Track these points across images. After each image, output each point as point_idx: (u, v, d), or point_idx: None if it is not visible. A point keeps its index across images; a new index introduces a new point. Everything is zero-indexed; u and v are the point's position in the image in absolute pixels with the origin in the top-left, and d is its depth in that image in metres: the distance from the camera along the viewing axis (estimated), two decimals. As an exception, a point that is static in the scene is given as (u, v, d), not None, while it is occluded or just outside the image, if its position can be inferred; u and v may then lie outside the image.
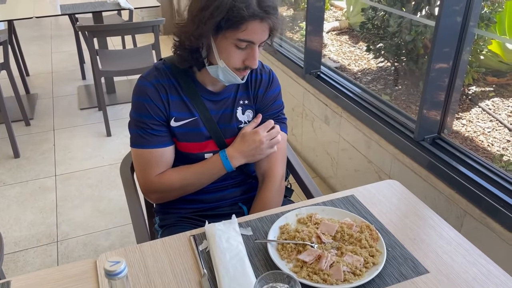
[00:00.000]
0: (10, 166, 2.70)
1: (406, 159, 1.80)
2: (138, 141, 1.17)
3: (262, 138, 1.17)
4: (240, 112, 1.23)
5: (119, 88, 3.72)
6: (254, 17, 1.02)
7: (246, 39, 1.05)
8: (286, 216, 1.06)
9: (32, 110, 3.35)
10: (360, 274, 0.91)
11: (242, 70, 1.11)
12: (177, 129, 1.18)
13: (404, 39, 2.43)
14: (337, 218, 1.06)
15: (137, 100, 1.16)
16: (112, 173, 2.64)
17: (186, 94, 1.17)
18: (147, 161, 1.17)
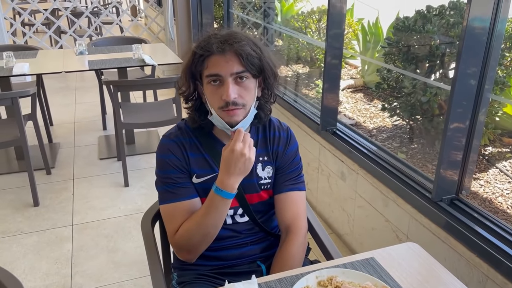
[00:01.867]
0: (29, 214, 2.74)
1: (424, 220, 1.79)
2: (166, 196, 1.21)
3: (241, 151, 1.09)
4: (260, 168, 1.26)
5: (138, 139, 3.81)
6: (213, 52, 1.10)
7: (212, 74, 1.11)
8: (306, 278, 1.06)
9: (53, 159, 3.44)
10: None
11: (225, 108, 1.13)
12: (198, 185, 1.22)
13: (419, 100, 2.48)
14: (358, 282, 1.05)
15: (160, 157, 1.22)
16: (127, 224, 2.65)
17: (206, 151, 1.22)
18: (174, 216, 1.20)
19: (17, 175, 3.22)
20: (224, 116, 1.14)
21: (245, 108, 1.14)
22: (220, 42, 1.10)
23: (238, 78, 1.12)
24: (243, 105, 1.14)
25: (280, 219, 1.28)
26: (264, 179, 1.26)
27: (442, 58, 2.39)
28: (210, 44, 1.11)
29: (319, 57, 4.29)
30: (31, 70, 3.08)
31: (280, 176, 1.28)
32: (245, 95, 1.13)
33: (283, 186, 1.27)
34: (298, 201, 1.28)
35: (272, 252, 1.32)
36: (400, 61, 2.54)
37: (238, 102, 1.12)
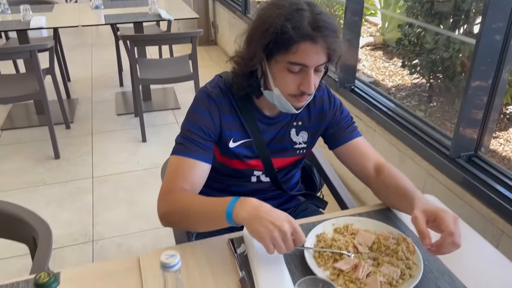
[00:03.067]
0: (50, 166, 2.81)
1: (440, 176, 1.79)
2: (178, 148, 1.13)
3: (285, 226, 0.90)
4: (294, 133, 1.22)
5: (154, 96, 3.83)
6: (305, 37, 0.98)
7: (297, 62, 1.01)
8: (323, 225, 1.08)
9: (72, 114, 3.49)
10: (396, 285, 0.91)
11: (299, 96, 1.07)
12: (234, 149, 1.18)
13: (441, 56, 2.42)
14: (374, 230, 1.07)
15: (194, 110, 1.14)
16: (146, 178, 2.71)
17: (243, 116, 1.16)
18: (177, 169, 1.11)
19: (37, 129, 3.28)
20: (293, 101, 1.08)
21: (311, 94, 1.10)
22: (313, 28, 0.97)
23: (318, 69, 1.05)
24: (312, 94, 1.09)
25: (359, 168, 1.21)
26: (298, 144, 1.23)
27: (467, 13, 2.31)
28: (303, 26, 0.97)
29: (339, 14, 4.17)
30: (48, 24, 3.07)
31: (335, 131, 1.23)
32: (317, 83, 1.07)
33: (342, 138, 1.23)
34: (366, 146, 1.23)
35: (288, 206, 1.34)
36: (423, 16, 2.46)
37: (313, 92, 1.07)
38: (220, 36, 5.29)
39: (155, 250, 1.03)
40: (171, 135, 3.23)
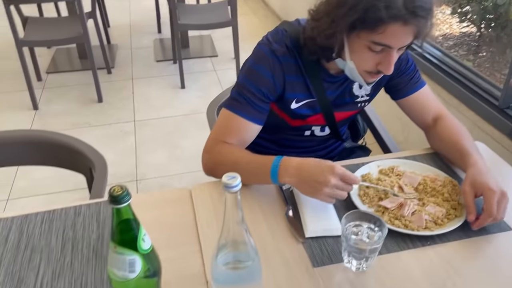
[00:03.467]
0: (94, 109, 2.91)
1: (487, 127, 1.74)
2: (233, 104, 1.09)
3: (330, 179, 0.89)
4: (357, 87, 1.17)
5: (192, 44, 3.83)
6: (396, 19, 0.89)
7: (382, 43, 0.93)
8: (368, 166, 1.10)
9: (112, 59, 3.55)
10: (441, 224, 0.93)
11: (374, 74, 1.02)
12: (296, 110, 1.14)
13: (494, 3, 2.29)
14: (420, 172, 1.08)
15: (255, 67, 1.08)
16: (185, 122, 2.77)
17: (308, 76, 1.11)
18: (228, 125, 1.10)
19: (80, 73, 3.37)
20: (366, 77, 1.03)
21: None
22: (407, 9, 0.88)
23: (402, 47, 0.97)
24: None
25: (420, 118, 1.21)
26: (360, 97, 1.20)
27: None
28: (396, 7, 0.88)
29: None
30: (89, -33, 3.07)
31: (398, 82, 1.18)
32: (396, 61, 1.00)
33: (406, 89, 1.18)
34: (429, 96, 1.20)
35: (333, 154, 1.35)
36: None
37: None
38: (258, -18, 5.14)
39: (206, 183, 1.08)
40: (209, 82, 3.25)
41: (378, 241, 0.82)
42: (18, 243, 0.92)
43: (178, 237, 0.93)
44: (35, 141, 1.25)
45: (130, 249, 0.65)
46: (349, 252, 0.84)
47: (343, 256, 0.86)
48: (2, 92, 3.11)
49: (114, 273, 0.66)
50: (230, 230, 0.70)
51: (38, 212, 1.00)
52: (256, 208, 1.00)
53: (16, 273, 0.85)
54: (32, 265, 0.87)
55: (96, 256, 0.89)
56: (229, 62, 3.54)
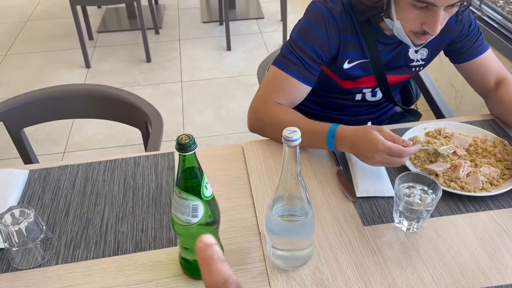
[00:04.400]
0: (143, 69, 2.98)
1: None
2: (284, 62, 1.08)
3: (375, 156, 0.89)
4: (413, 50, 1.14)
5: (239, 4, 3.79)
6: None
7: (427, 1, 0.91)
8: (414, 129, 1.08)
9: (160, 20, 3.59)
10: (497, 184, 0.92)
11: (420, 35, 0.99)
12: (348, 70, 1.13)
13: None
14: (467, 133, 1.06)
15: (310, 26, 1.06)
16: (231, 85, 2.80)
17: (362, 35, 1.08)
18: (278, 84, 1.09)
19: (129, 33, 3.44)
20: (413, 38, 1.00)
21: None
22: None
23: (448, 7, 0.93)
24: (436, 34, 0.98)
25: (480, 83, 1.17)
26: (416, 62, 1.16)
27: None
28: None
29: None
30: None
31: (461, 46, 1.14)
32: (445, 22, 0.97)
33: (469, 53, 1.14)
34: (491, 59, 1.16)
35: (384, 118, 1.33)
36: None
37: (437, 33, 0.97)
38: None
39: (257, 140, 1.10)
40: (255, 44, 3.24)
41: (431, 203, 0.83)
42: (84, 188, 0.98)
43: (232, 190, 0.97)
44: (96, 95, 1.31)
45: (193, 195, 0.69)
46: (401, 213, 0.85)
47: (394, 216, 0.87)
48: (57, 50, 3.23)
49: (178, 217, 0.71)
50: (288, 183, 0.72)
51: (101, 160, 1.06)
52: (307, 166, 1.02)
53: (84, 215, 0.92)
54: (97, 209, 0.93)
55: (155, 204, 0.94)
56: (276, 24, 3.49)
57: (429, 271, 0.79)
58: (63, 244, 0.86)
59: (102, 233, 0.88)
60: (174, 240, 0.86)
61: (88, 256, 0.84)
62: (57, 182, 1.00)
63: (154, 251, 0.84)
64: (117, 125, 2.34)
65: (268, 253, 0.81)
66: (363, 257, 0.82)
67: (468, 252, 0.82)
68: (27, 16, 3.74)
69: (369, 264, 0.80)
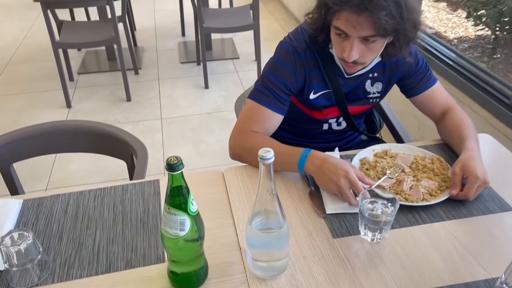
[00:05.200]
0: (123, 107, 3.08)
1: (499, 124, 1.83)
2: (258, 95, 1.20)
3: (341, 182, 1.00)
4: (369, 84, 1.27)
5: (214, 46, 3.98)
6: (348, 6, 1.01)
7: (339, 28, 1.05)
8: (364, 151, 1.22)
9: (139, 61, 3.73)
10: (435, 195, 1.06)
11: (345, 62, 1.11)
12: (314, 101, 1.26)
13: (509, 7, 2.37)
14: (410, 153, 1.20)
15: (279, 63, 1.21)
16: (209, 120, 2.92)
17: (324, 69, 1.22)
18: (254, 115, 1.21)
19: (108, 74, 3.55)
20: (343, 65, 1.15)
21: (364, 64, 1.13)
22: (359, 2, 0.99)
23: (366, 39, 1.06)
24: (362, 63, 1.12)
25: (431, 113, 1.31)
26: (372, 94, 1.30)
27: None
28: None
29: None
30: (120, -26, 3.24)
31: (410, 82, 1.28)
32: (367, 54, 1.10)
33: (418, 87, 1.28)
34: (440, 92, 1.30)
35: (351, 145, 1.46)
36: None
37: (357, 62, 1.10)
38: (278, -13, 5.28)
39: (236, 166, 1.21)
40: (232, 82, 3.40)
41: (391, 214, 0.94)
42: (76, 214, 1.06)
43: (214, 211, 1.06)
44: (84, 131, 1.40)
45: (181, 211, 0.78)
46: (365, 225, 0.95)
47: (360, 228, 0.98)
48: (37, 91, 3.31)
49: (167, 231, 0.79)
50: (264, 198, 0.82)
51: (91, 189, 1.14)
52: (282, 188, 1.12)
53: (77, 238, 0.99)
54: (89, 232, 1.01)
55: (143, 226, 1.02)
56: (250, 63, 3.68)
57: (392, 276, 0.89)
58: (58, 264, 0.93)
59: (94, 253, 0.95)
60: (162, 257, 0.94)
61: (82, 275, 0.91)
62: (49, 210, 1.08)
63: (144, 267, 0.92)
64: (99, 161, 2.40)
65: (248, 265, 0.90)
66: (334, 266, 0.91)
67: (424, 257, 0.93)
68: (8, 59, 3.82)
69: (339, 272, 0.90)
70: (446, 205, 1.05)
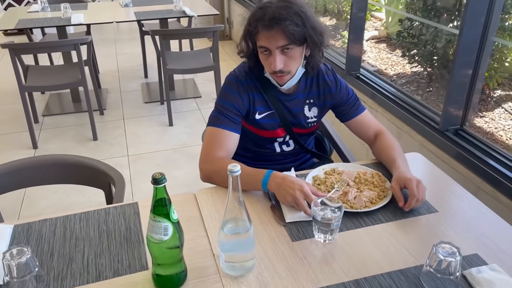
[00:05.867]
0: (90, 147, 3.18)
1: (432, 147, 2.11)
2: (214, 121, 1.43)
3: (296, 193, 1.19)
4: (307, 109, 1.52)
5: (177, 86, 4.18)
6: (263, 26, 1.30)
7: (262, 46, 1.33)
8: (315, 170, 1.42)
9: (104, 102, 3.85)
10: (375, 202, 1.27)
11: (275, 75, 1.37)
12: (260, 121, 1.48)
13: (435, 46, 2.73)
14: (353, 170, 1.42)
15: (226, 90, 1.45)
16: (175, 156, 3.07)
17: (265, 92, 1.46)
18: (214, 138, 1.41)
19: (73, 115, 3.65)
20: (275, 78, 1.40)
21: (290, 73, 1.37)
22: (268, 20, 1.28)
23: (284, 49, 1.32)
24: (288, 72, 1.36)
25: (364, 136, 1.56)
26: (310, 118, 1.55)
27: (458, 8, 2.62)
28: (259, 21, 1.30)
29: (346, 10, 4.48)
30: (85, 20, 3.43)
31: (342, 109, 1.54)
32: (290, 63, 1.35)
33: (350, 114, 1.54)
34: (368, 118, 1.56)
35: (304, 166, 1.67)
36: (421, 11, 2.78)
37: (284, 70, 1.35)
38: (235, 31, 5.62)
39: (207, 188, 1.38)
40: (195, 120, 3.58)
41: (338, 217, 1.13)
42: (64, 235, 1.18)
43: (188, 226, 1.21)
44: (62, 163, 1.53)
45: (164, 218, 0.94)
46: (318, 228, 1.14)
47: (314, 232, 1.16)
48: (2, 133, 3.35)
49: (152, 237, 0.95)
50: (232, 207, 0.99)
51: (76, 213, 1.27)
52: (248, 204, 1.28)
53: (67, 255, 1.11)
54: (78, 249, 1.13)
55: (127, 241, 1.16)
56: (212, 101, 3.89)
57: (341, 268, 1.07)
58: (52, 277, 1.05)
59: (84, 266, 1.08)
60: (145, 265, 1.08)
61: (75, 284, 1.03)
62: (39, 232, 1.19)
63: (130, 275, 1.05)
64: (68, 198, 2.49)
65: (221, 267, 1.06)
66: (293, 263, 1.08)
67: (367, 252, 1.12)
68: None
69: (298, 268, 1.07)
70: (385, 210, 1.26)
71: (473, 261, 1.07)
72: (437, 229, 1.20)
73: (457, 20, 2.59)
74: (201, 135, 1.81)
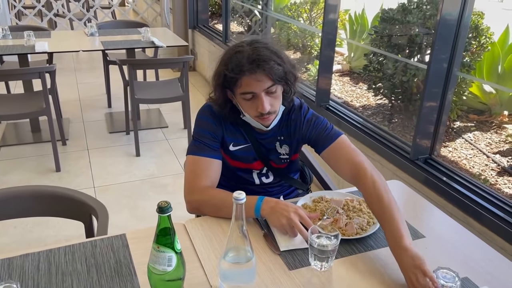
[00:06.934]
0: (53, 178, 3.04)
1: (403, 175, 2.20)
2: (193, 150, 1.41)
3: (291, 216, 1.19)
4: (279, 145, 1.50)
5: (142, 116, 4.12)
6: (244, 72, 1.25)
7: (247, 91, 1.28)
8: (304, 198, 1.44)
9: (66, 132, 3.72)
10: (366, 229, 1.30)
11: (261, 117, 1.33)
12: (234, 152, 1.47)
13: (400, 80, 2.89)
14: (341, 198, 1.45)
15: (201, 118, 1.44)
16: (144, 186, 2.99)
17: (241, 127, 1.45)
18: (196, 167, 1.38)
19: (33, 145, 3.49)
20: (260, 121, 1.36)
21: (276, 112, 1.35)
22: (249, 63, 1.24)
23: (269, 90, 1.30)
24: (274, 111, 1.34)
25: (340, 171, 1.38)
26: (282, 155, 1.50)
27: (420, 45, 2.80)
28: (240, 66, 1.25)
29: (310, 44, 4.66)
30: (50, 49, 3.34)
31: (315, 140, 1.44)
32: (275, 103, 1.33)
33: (322, 144, 1.42)
34: (345, 145, 1.39)
35: (289, 197, 1.67)
36: (385, 47, 2.94)
37: (271, 111, 1.32)
38: (199, 62, 5.67)
39: (195, 218, 1.35)
40: (163, 150, 3.53)
41: (335, 244, 1.14)
42: (49, 270, 1.11)
43: (182, 257, 1.18)
44: (41, 195, 1.46)
45: (168, 248, 0.91)
46: (315, 256, 1.14)
47: (310, 260, 1.17)
48: (-46, 165, 3.14)
49: (155, 268, 0.91)
50: (235, 236, 0.98)
51: (60, 246, 1.20)
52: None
53: (54, 292, 1.05)
54: (66, 285, 1.07)
55: (118, 274, 1.11)
56: (179, 132, 3.86)
57: (340, 295, 1.07)
58: (40, 316, 0.98)
59: (75, 303, 1.02)
60: (141, 299, 1.03)
61: (66, 322, 0.96)
62: (21, 268, 1.12)
63: (125, 310, 1.00)
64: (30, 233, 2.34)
65: (221, 297, 1.03)
66: (293, 292, 1.08)
67: (364, 279, 1.13)
68: None
69: (297, 296, 1.07)
70: (376, 237, 1.29)
71: (465, 285, 1.11)
72: (427, 255, 1.22)
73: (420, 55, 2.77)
74: (169, 166, 1.78)
